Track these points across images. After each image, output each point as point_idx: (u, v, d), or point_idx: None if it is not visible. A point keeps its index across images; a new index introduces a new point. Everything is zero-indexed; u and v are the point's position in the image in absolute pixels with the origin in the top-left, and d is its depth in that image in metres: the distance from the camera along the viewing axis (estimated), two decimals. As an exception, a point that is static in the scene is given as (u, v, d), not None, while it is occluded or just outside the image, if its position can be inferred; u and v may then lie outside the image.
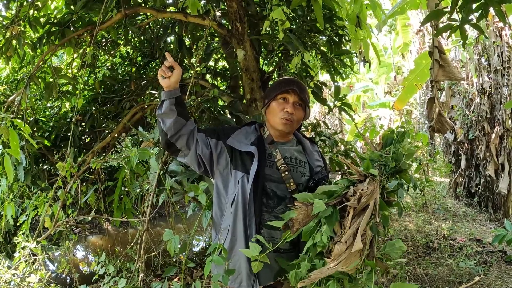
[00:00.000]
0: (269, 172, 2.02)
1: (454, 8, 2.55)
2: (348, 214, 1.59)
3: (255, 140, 2.05)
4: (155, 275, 4.72)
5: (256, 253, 1.62)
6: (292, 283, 1.65)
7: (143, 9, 3.81)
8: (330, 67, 4.12)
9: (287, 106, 2.05)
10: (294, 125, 2.11)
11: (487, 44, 6.86)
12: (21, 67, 4.95)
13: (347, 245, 1.54)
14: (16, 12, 3.65)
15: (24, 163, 3.88)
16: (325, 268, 1.56)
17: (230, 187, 2.03)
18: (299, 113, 2.11)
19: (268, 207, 1.99)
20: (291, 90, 2.06)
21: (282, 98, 2.07)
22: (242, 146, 2.01)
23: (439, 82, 3.19)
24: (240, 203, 1.95)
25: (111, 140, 4.41)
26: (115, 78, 5.05)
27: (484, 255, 5.09)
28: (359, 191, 1.60)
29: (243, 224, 1.94)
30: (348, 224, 1.57)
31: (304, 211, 1.60)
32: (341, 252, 1.54)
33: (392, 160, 1.74)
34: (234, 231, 1.97)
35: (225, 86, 5.13)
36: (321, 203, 1.56)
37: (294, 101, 2.07)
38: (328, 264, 1.55)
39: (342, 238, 1.55)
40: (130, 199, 4.09)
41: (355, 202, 1.58)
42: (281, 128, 2.07)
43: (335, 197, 1.65)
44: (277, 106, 2.07)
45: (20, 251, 3.42)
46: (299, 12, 3.79)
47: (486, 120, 7.07)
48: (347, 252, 1.54)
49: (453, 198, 8.50)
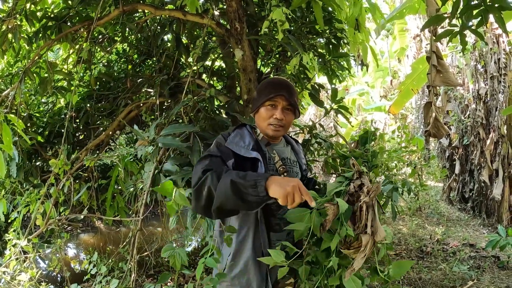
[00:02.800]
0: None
1: (455, 13, 2.54)
2: (361, 208, 1.67)
3: (254, 145, 1.99)
4: (147, 275, 4.68)
5: (282, 259, 1.63)
6: (303, 279, 1.73)
7: (141, 6, 3.79)
8: (327, 69, 4.11)
9: (276, 113, 1.99)
10: (285, 129, 2.07)
11: (484, 50, 6.89)
12: (16, 61, 4.91)
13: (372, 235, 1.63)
14: (12, 5, 3.62)
15: (16, 159, 3.85)
16: (359, 259, 1.62)
17: None
18: (289, 117, 2.05)
19: (272, 210, 1.97)
20: (279, 96, 1.99)
21: (270, 105, 2.00)
22: (242, 151, 1.95)
23: (435, 87, 3.18)
24: (251, 213, 1.91)
25: (105, 138, 4.38)
26: (111, 75, 5.01)
27: (477, 260, 5.10)
28: (366, 186, 1.69)
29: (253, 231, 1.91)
30: (364, 217, 1.66)
31: (333, 211, 1.64)
32: (367, 242, 1.61)
33: (371, 157, 1.90)
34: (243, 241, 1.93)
35: (221, 86, 5.12)
36: (343, 202, 1.61)
37: (283, 106, 2.01)
38: (359, 254, 1.62)
39: (366, 229, 1.64)
40: (123, 198, 4.06)
41: (367, 197, 1.65)
42: (272, 134, 2.03)
43: (343, 194, 1.73)
44: (265, 113, 2.01)
45: (11, 249, 3.39)
46: (298, 13, 3.78)
47: (481, 126, 7.10)
48: (370, 241, 1.64)
49: (447, 203, 8.54)
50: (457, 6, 2.54)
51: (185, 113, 3.23)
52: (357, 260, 1.62)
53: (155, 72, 4.64)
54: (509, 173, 6.46)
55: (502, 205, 6.52)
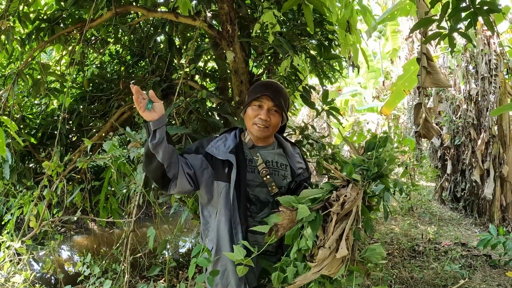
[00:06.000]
0: (251, 177, 2.02)
1: (444, 16, 2.58)
2: (331, 220, 1.59)
3: (234, 148, 2.03)
4: (141, 276, 4.68)
5: (241, 256, 1.60)
6: (275, 285, 1.66)
7: (133, 7, 3.80)
8: (319, 71, 4.14)
9: (261, 113, 2.03)
10: (270, 130, 2.08)
11: (475, 51, 6.95)
12: (9, 63, 4.91)
13: (330, 250, 1.55)
14: (5, 6, 3.62)
15: (9, 161, 3.84)
16: (309, 274, 1.56)
17: (214, 198, 2.02)
18: (275, 119, 2.07)
19: (252, 212, 1.99)
20: (264, 96, 2.03)
21: (256, 105, 2.05)
22: (220, 154, 2.00)
23: (426, 89, 3.22)
24: (224, 212, 1.95)
25: (98, 139, 4.38)
26: (103, 76, 5.01)
27: (469, 259, 5.15)
28: (342, 196, 1.60)
29: (228, 232, 1.93)
30: (331, 229, 1.58)
31: (289, 216, 1.61)
32: (324, 257, 1.54)
33: (374, 165, 1.75)
34: (219, 239, 1.97)
35: (214, 88, 5.13)
36: (305, 208, 1.56)
37: (269, 107, 2.04)
38: (312, 269, 1.56)
39: (325, 243, 1.56)
40: (116, 199, 4.06)
41: (339, 208, 1.58)
42: (256, 134, 2.06)
43: (318, 202, 1.65)
44: (252, 112, 2.05)
45: (5, 251, 3.38)
46: (289, 15, 3.80)
47: (472, 126, 7.17)
48: (330, 257, 1.55)
49: (438, 202, 8.59)
50: (446, 8, 2.58)
51: (177, 115, 3.25)
52: (304, 275, 1.58)
53: (147, 73, 4.65)
54: (500, 172, 6.53)
55: (494, 204, 6.59)
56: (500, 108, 6.18)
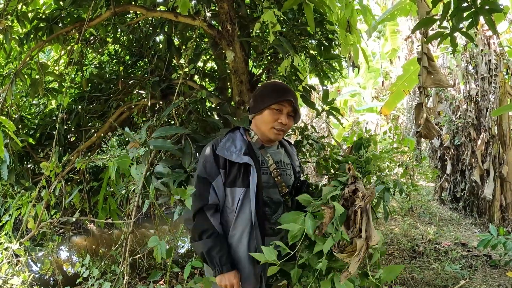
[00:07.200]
0: (265, 179, 2.00)
1: (445, 16, 2.56)
2: (356, 213, 1.70)
3: (246, 149, 1.99)
4: (140, 278, 4.66)
5: (273, 257, 1.67)
6: (294, 281, 1.74)
7: (132, 7, 3.78)
8: (319, 71, 4.12)
9: (282, 117, 2.00)
10: (284, 133, 2.10)
11: (475, 51, 6.94)
12: (7, 62, 4.87)
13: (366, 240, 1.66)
14: (4, 6, 3.59)
15: (7, 161, 3.81)
16: (353, 262, 1.64)
17: (227, 204, 1.99)
18: (291, 123, 2.07)
19: (267, 215, 1.98)
20: (286, 101, 2.01)
21: (276, 109, 2.01)
22: (233, 156, 1.95)
23: (426, 88, 3.20)
24: (245, 218, 1.93)
25: (96, 140, 4.36)
26: (102, 76, 4.98)
27: (469, 259, 5.13)
28: (361, 192, 1.71)
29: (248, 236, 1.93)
30: (359, 221, 1.69)
31: (330, 214, 1.68)
32: (361, 246, 1.64)
33: (364, 163, 1.91)
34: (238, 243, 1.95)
35: (213, 88, 5.11)
36: (339, 206, 1.66)
37: (288, 111, 2.03)
38: (353, 258, 1.64)
39: (361, 233, 1.67)
40: (115, 200, 4.04)
41: (362, 202, 1.68)
42: (273, 137, 2.04)
43: (339, 198, 1.76)
44: (270, 116, 2.01)
45: (3, 252, 3.36)
46: (289, 15, 3.78)
47: (472, 126, 7.15)
48: (364, 246, 1.66)
49: (438, 202, 8.58)
50: (448, 8, 2.56)
51: (176, 115, 3.22)
52: (352, 264, 1.64)
53: (146, 73, 4.62)
54: (500, 173, 6.51)
55: (493, 204, 6.58)
56: (501, 108, 6.17)
